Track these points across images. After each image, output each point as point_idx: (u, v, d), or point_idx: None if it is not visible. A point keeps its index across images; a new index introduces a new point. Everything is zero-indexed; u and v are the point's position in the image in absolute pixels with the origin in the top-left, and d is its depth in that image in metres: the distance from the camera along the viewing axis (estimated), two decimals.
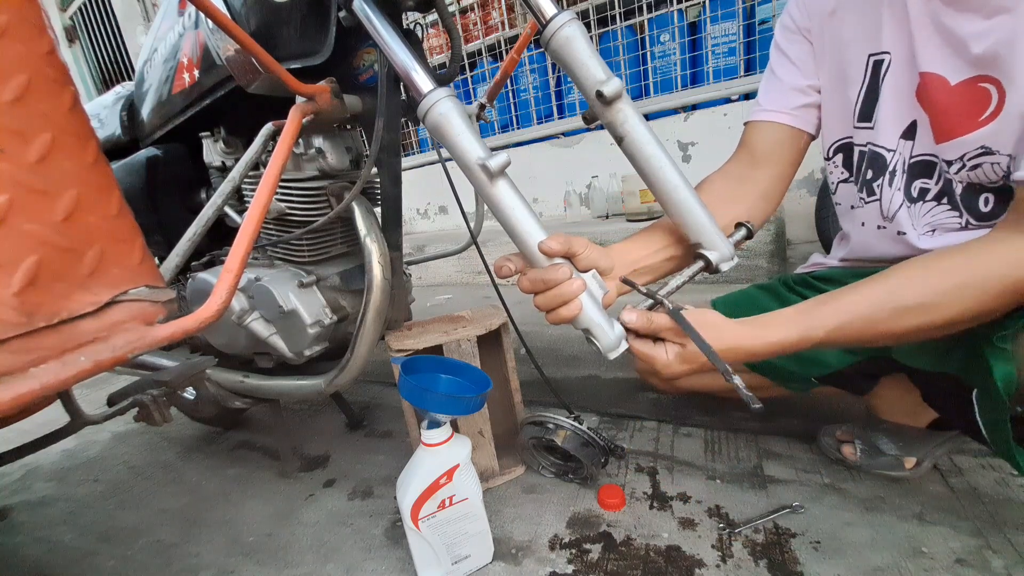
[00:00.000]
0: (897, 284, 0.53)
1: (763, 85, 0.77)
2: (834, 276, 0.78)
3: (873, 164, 0.68)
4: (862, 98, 0.68)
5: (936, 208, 0.64)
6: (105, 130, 1.09)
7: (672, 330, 0.55)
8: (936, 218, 0.65)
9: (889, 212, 0.67)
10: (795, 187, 2.13)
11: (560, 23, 0.53)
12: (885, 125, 0.66)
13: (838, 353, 0.74)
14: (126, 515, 0.98)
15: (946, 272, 0.50)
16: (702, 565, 0.65)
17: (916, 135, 0.64)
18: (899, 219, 0.66)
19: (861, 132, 0.69)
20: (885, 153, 0.67)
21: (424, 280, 2.83)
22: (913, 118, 0.64)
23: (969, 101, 0.57)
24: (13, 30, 0.33)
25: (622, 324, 0.56)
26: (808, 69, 0.72)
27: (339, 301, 0.88)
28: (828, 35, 0.70)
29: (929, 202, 0.65)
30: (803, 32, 0.72)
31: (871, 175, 0.69)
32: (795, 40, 0.73)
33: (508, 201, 0.54)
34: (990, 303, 0.48)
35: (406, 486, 0.64)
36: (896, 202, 0.67)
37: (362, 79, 0.80)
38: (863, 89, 0.67)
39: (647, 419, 1.01)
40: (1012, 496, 0.69)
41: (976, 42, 0.54)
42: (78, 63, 4.46)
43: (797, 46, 0.73)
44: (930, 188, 0.64)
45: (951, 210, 0.63)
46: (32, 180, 0.34)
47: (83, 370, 0.34)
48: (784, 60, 0.74)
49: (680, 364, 0.55)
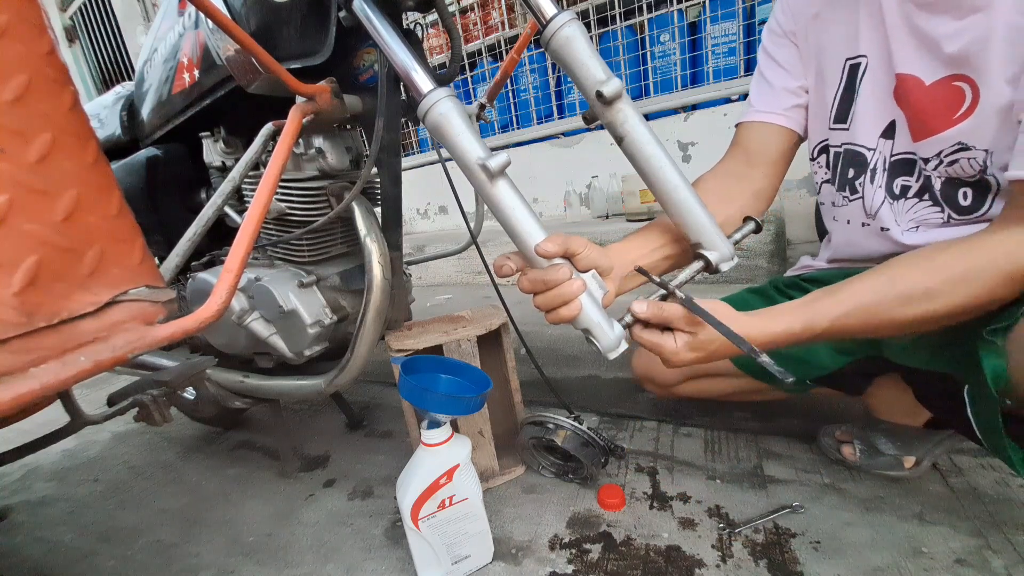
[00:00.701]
0: (899, 273, 0.53)
1: (754, 88, 0.78)
2: (823, 278, 0.79)
3: (853, 163, 0.70)
4: (837, 100, 0.70)
5: (918, 204, 0.65)
6: (105, 130, 1.09)
7: (683, 319, 0.54)
8: (919, 214, 0.66)
9: (872, 209, 0.68)
10: (795, 187, 2.12)
11: (560, 23, 0.53)
12: (863, 125, 0.67)
13: (831, 353, 0.74)
14: (126, 515, 0.98)
15: (949, 261, 0.51)
16: (702, 565, 0.65)
17: (895, 134, 0.65)
18: (882, 216, 0.68)
19: (836, 133, 0.71)
20: (865, 152, 0.68)
21: (424, 280, 2.83)
22: (892, 118, 0.65)
23: (944, 100, 0.58)
24: (13, 30, 0.33)
25: (632, 315, 0.56)
26: (796, 71, 0.74)
27: (339, 301, 0.88)
28: (812, 39, 0.71)
29: (911, 199, 0.66)
30: (789, 36, 0.73)
31: (852, 173, 0.70)
32: (782, 44, 0.74)
33: (508, 201, 0.54)
34: (992, 291, 0.49)
35: (406, 486, 0.64)
36: (878, 199, 0.68)
37: (362, 79, 0.80)
38: (839, 92, 0.69)
39: (647, 419, 1.01)
40: (1012, 496, 0.69)
41: (949, 42, 0.56)
42: (78, 63, 4.46)
43: (784, 50, 0.74)
44: (911, 185, 0.65)
45: (932, 206, 0.64)
46: (32, 180, 0.34)
47: (83, 370, 0.34)
48: (772, 64, 0.75)
49: (689, 352, 0.55)
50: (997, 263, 0.48)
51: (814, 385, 0.79)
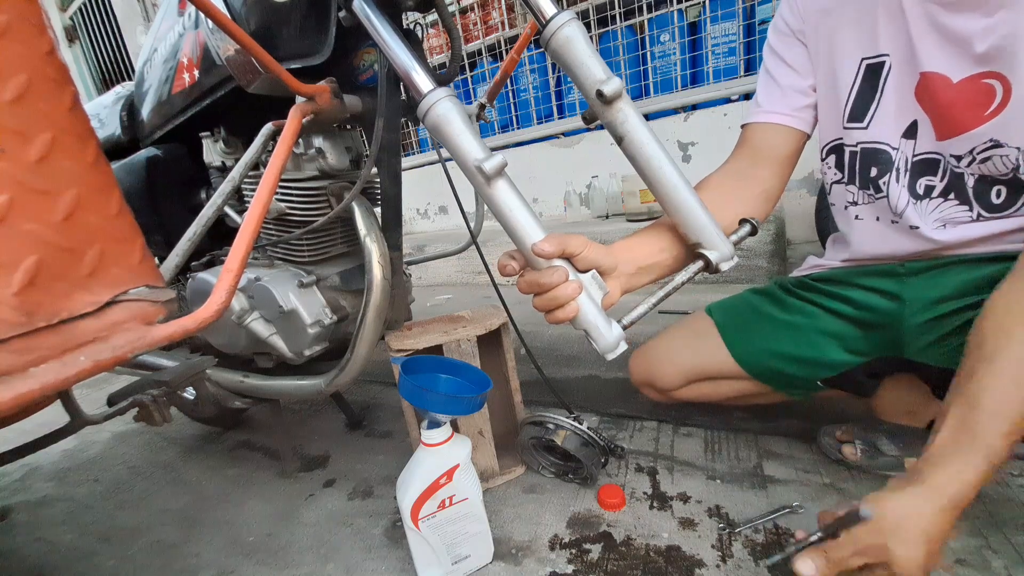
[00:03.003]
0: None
1: (761, 87, 0.77)
2: (837, 276, 0.78)
3: (876, 161, 0.69)
4: (852, 99, 0.69)
5: (943, 204, 0.65)
6: (105, 130, 1.09)
7: (859, 553, 0.45)
8: (944, 213, 0.65)
9: (898, 208, 0.68)
10: (795, 187, 2.12)
11: (560, 23, 0.53)
12: (885, 124, 0.67)
13: (844, 352, 0.74)
14: (126, 515, 0.98)
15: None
16: (702, 565, 0.65)
17: (917, 134, 0.65)
18: (908, 216, 0.67)
19: (852, 132, 0.70)
20: (890, 150, 0.67)
21: (424, 280, 2.83)
22: (914, 118, 0.64)
23: (973, 97, 0.58)
24: (13, 30, 0.33)
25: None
26: (805, 70, 0.73)
27: (339, 301, 0.88)
28: (821, 37, 0.70)
29: (936, 199, 0.65)
30: (797, 35, 0.72)
31: (876, 172, 0.69)
32: (790, 43, 0.73)
33: (508, 201, 0.54)
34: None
35: (406, 486, 0.64)
36: (904, 200, 0.67)
37: (362, 79, 0.79)
38: (853, 90, 0.68)
39: (647, 419, 1.01)
40: (1012, 496, 0.69)
41: (980, 40, 0.56)
42: (78, 63, 4.46)
43: (792, 49, 0.73)
44: (935, 185, 0.65)
45: (959, 204, 0.64)
46: (32, 180, 0.34)
47: (83, 370, 0.34)
48: (780, 63, 0.74)
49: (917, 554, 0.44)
50: None
51: (824, 388, 0.78)
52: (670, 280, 0.62)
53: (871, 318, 0.73)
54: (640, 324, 0.60)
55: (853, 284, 0.75)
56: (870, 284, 0.74)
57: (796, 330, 0.78)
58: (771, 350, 0.79)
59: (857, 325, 0.74)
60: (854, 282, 0.76)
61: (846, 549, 0.45)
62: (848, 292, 0.75)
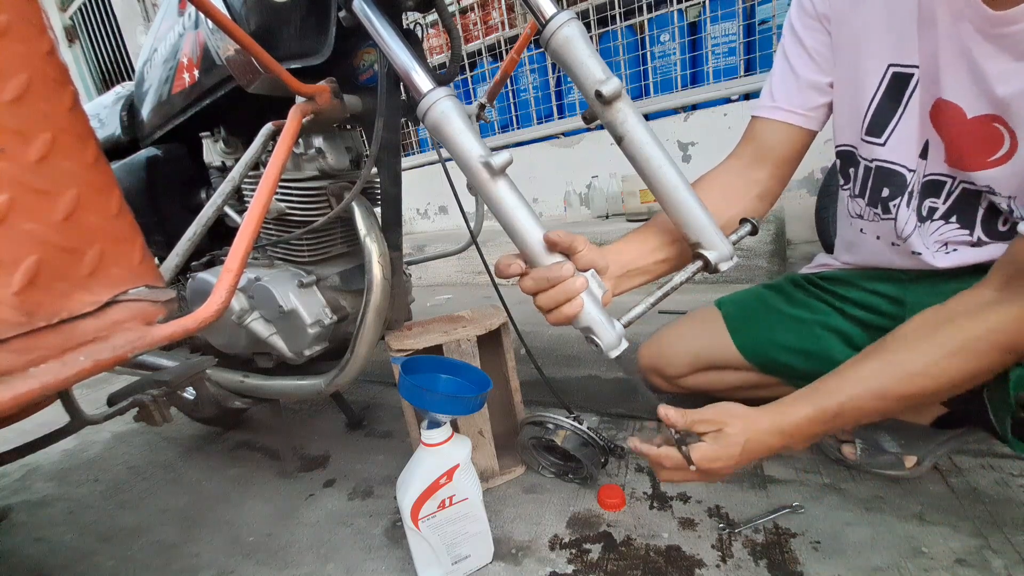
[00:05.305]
0: (901, 358, 0.54)
1: (777, 74, 0.72)
2: (842, 276, 0.79)
3: (888, 182, 0.67)
4: (873, 110, 0.65)
5: (944, 226, 0.65)
6: (105, 130, 1.09)
7: (704, 421, 0.59)
8: (944, 235, 0.65)
9: (903, 233, 0.67)
10: (795, 187, 2.12)
11: (559, 23, 0.53)
12: (904, 144, 0.64)
13: (847, 349, 0.74)
14: (126, 515, 0.98)
15: (945, 341, 0.52)
16: (702, 565, 0.65)
17: (929, 155, 0.63)
18: (912, 242, 0.66)
19: (868, 147, 0.67)
20: (905, 173, 0.65)
21: (424, 280, 2.83)
22: (927, 138, 0.63)
23: (981, 138, 0.56)
24: (13, 30, 0.33)
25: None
26: (826, 63, 0.68)
27: (339, 301, 0.88)
28: (848, 29, 0.65)
29: (937, 220, 0.65)
30: (821, 19, 0.67)
31: (887, 193, 0.67)
32: (813, 27, 0.67)
33: (508, 201, 0.54)
34: (984, 366, 0.50)
35: (406, 486, 0.64)
36: (911, 225, 0.66)
37: (362, 79, 0.79)
38: (875, 99, 0.64)
39: (647, 419, 1.01)
40: (1012, 496, 0.69)
41: (1002, 83, 0.53)
42: (78, 63, 4.46)
43: (815, 34, 0.67)
44: (938, 207, 0.65)
45: (960, 228, 0.64)
46: (32, 180, 0.34)
47: (83, 370, 0.34)
48: (800, 49, 0.69)
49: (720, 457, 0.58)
50: (984, 341, 0.49)
51: None
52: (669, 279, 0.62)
53: (874, 319, 0.73)
54: (640, 324, 0.61)
55: (857, 286, 0.76)
56: (873, 287, 0.75)
57: (801, 323, 0.79)
58: (775, 341, 0.80)
59: (861, 325, 0.74)
60: (858, 284, 0.76)
61: (699, 415, 0.59)
62: (852, 293, 0.76)
